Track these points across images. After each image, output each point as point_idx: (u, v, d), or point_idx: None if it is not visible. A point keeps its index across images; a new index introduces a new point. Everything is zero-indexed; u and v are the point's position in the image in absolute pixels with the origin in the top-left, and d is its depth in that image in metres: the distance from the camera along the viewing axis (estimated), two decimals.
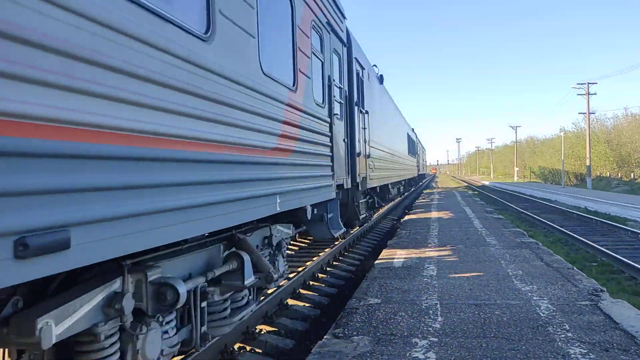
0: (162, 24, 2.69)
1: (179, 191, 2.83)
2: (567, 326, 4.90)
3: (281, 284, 6.73)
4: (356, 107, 9.47)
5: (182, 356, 4.47)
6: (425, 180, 59.51)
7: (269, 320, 6.12)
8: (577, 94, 48.79)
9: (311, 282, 8.23)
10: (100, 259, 2.19)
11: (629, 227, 15.64)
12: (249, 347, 5.30)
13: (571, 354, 4.20)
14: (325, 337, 4.85)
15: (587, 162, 47.56)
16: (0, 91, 1.71)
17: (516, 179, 79.87)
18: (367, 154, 10.49)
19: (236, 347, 5.23)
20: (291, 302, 6.98)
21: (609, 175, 57.92)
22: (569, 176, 63.19)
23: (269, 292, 6.36)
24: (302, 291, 7.59)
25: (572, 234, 14.83)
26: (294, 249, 11.14)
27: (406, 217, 17.01)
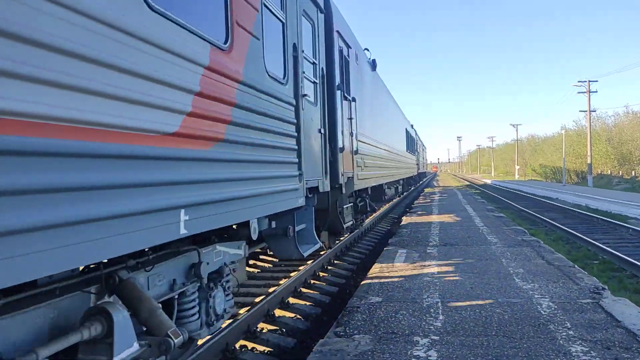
0: None
1: None
2: (568, 324, 4.90)
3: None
4: (339, 92, 7.95)
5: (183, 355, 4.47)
6: (426, 178, 59.28)
7: None
8: (578, 92, 48.78)
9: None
10: None
11: (630, 225, 15.63)
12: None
13: (572, 352, 4.20)
14: (326, 336, 4.86)
15: (588, 160, 47.51)
16: None
17: (517, 177, 79.78)
18: (355, 150, 9.20)
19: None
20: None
21: (610, 173, 57.85)
22: (570, 174, 63.12)
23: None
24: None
25: (573, 232, 14.83)
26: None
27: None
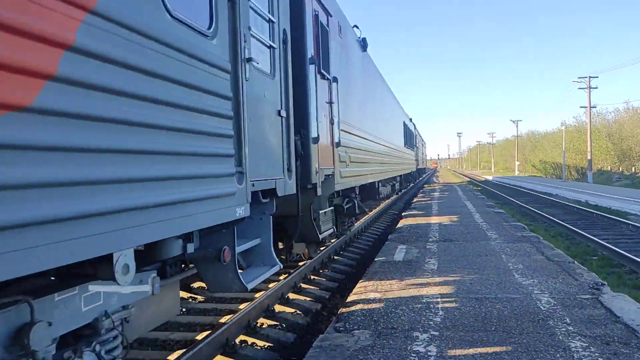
0: None
1: None
2: (567, 320, 4.91)
3: None
4: (312, 67, 6.39)
5: (184, 350, 4.49)
6: (425, 175, 59.08)
7: None
8: (578, 88, 48.73)
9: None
10: None
11: (629, 221, 15.65)
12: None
13: (572, 347, 4.21)
14: (326, 331, 4.87)
15: (588, 156, 47.50)
16: None
17: (517, 173, 79.79)
18: (337, 142, 7.91)
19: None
20: None
21: (609, 169, 57.88)
22: (570, 170, 63.13)
23: None
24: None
25: (573, 227, 14.85)
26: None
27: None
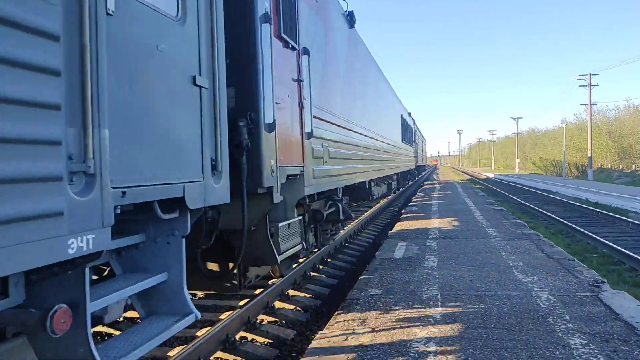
0: None
1: None
2: (567, 317, 4.92)
3: None
4: (267, 27, 5.15)
5: (184, 346, 4.49)
6: (425, 172, 58.83)
7: None
8: (579, 86, 48.67)
9: None
10: None
11: (630, 219, 15.64)
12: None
13: (571, 344, 4.21)
14: (326, 327, 4.87)
15: (589, 154, 47.48)
16: None
17: (517, 171, 79.80)
18: (308, 132, 6.47)
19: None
20: None
21: (610, 167, 57.84)
22: (570, 168, 63.11)
23: None
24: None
25: (573, 225, 14.85)
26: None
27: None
